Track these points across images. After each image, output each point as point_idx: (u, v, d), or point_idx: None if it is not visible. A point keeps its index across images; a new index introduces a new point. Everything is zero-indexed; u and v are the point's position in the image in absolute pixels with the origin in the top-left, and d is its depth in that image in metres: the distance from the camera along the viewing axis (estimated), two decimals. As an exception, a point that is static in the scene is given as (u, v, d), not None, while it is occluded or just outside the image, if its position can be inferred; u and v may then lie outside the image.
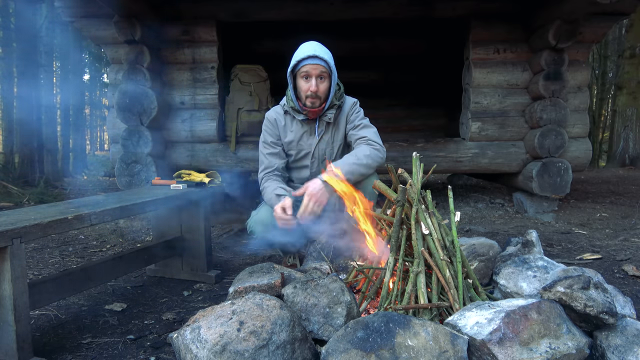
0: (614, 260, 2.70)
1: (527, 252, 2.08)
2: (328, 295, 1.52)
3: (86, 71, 14.93)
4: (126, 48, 3.88)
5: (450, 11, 4.10)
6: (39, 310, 1.99)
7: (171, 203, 2.18)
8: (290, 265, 2.46)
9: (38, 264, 2.75)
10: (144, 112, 3.90)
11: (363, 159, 2.09)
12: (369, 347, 1.22)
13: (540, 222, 3.91)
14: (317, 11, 4.12)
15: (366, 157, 2.10)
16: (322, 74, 2.13)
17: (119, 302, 2.12)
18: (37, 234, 1.48)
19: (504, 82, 4.14)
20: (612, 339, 1.37)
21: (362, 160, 2.09)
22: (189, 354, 1.27)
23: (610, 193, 5.52)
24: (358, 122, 2.27)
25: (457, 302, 1.50)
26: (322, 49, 2.15)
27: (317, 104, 2.18)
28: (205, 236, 2.41)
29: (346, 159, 2.11)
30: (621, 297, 1.64)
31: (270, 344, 1.28)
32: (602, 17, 3.92)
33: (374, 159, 2.13)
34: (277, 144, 2.33)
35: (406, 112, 7.18)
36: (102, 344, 1.71)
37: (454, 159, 4.21)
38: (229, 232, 3.64)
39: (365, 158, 2.10)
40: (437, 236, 1.63)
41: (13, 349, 1.42)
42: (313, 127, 2.29)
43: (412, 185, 1.74)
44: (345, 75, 2.48)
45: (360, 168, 2.07)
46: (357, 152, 2.15)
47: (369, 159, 2.10)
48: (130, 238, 3.48)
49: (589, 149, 4.25)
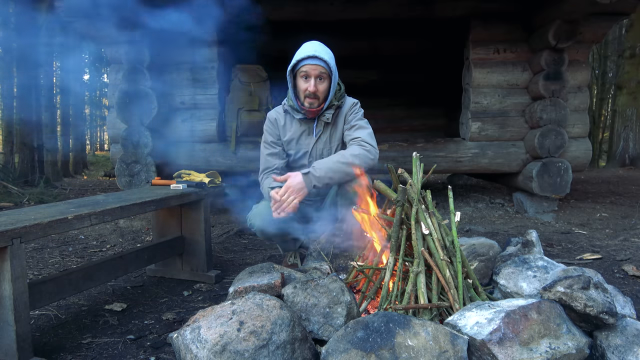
0: (614, 260, 2.70)
1: (527, 252, 2.08)
2: (328, 295, 1.52)
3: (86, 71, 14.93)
4: (126, 48, 3.88)
5: (451, 11, 4.10)
6: (39, 310, 1.99)
7: (171, 203, 2.18)
8: (290, 265, 2.46)
9: (38, 264, 2.75)
10: (144, 112, 3.90)
11: (349, 158, 2.05)
12: (369, 347, 1.22)
13: (540, 222, 3.91)
14: (317, 11, 4.12)
15: (353, 157, 2.06)
16: (322, 75, 2.13)
17: (119, 302, 2.12)
18: (37, 234, 1.48)
19: (504, 82, 4.14)
20: (612, 339, 1.37)
21: (347, 159, 2.05)
22: (189, 354, 1.27)
23: (610, 193, 5.52)
24: (354, 122, 2.25)
25: (457, 302, 1.50)
26: (323, 49, 2.14)
27: (315, 104, 2.17)
28: (205, 236, 2.41)
29: (331, 157, 2.10)
30: (621, 297, 1.64)
31: (270, 344, 1.28)
32: (602, 17, 3.92)
33: (363, 159, 2.07)
34: (277, 143, 2.34)
35: (406, 112, 7.18)
36: (102, 344, 1.71)
37: (454, 159, 4.21)
38: (228, 232, 3.64)
39: (352, 157, 2.05)
40: (437, 236, 1.63)
41: (13, 349, 1.42)
42: (311, 127, 2.29)
43: (412, 185, 1.74)
44: (345, 75, 2.48)
45: (344, 167, 2.03)
46: (345, 151, 2.12)
47: (356, 159, 2.06)
48: (130, 238, 3.48)
49: (589, 149, 4.25)
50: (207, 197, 2.40)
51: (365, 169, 2.07)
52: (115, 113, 4.00)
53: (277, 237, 2.35)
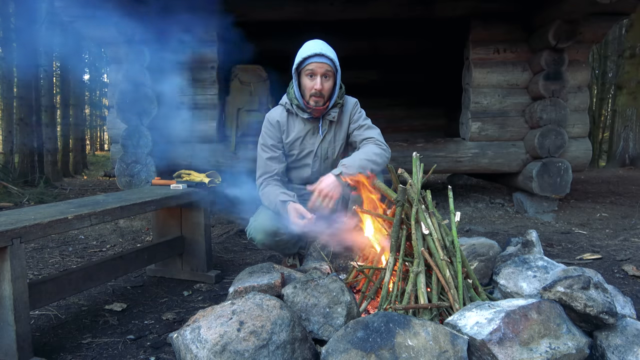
0: (614, 260, 2.70)
1: (527, 252, 2.08)
2: (328, 295, 1.52)
3: (86, 71, 14.93)
4: (126, 48, 3.88)
5: (451, 11, 4.10)
6: (39, 310, 1.99)
7: (171, 203, 2.18)
8: (290, 265, 2.46)
9: (38, 264, 2.75)
10: (144, 112, 3.90)
11: (373, 156, 2.10)
12: (369, 347, 1.22)
13: (540, 222, 3.91)
14: (317, 11, 4.12)
15: (376, 155, 2.11)
16: (327, 73, 2.13)
17: (119, 302, 2.12)
18: (37, 234, 1.48)
19: (504, 82, 4.14)
20: (612, 339, 1.37)
21: (372, 157, 2.10)
22: (189, 354, 1.27)
23: (610, 193, 5.52)
24: (362, 122, 2.27)
25: (457, 302, 1.50)
26: (328, 47, 2.14)
27: (320, 102, 2.17)
28: (205, 236, 2.41)
29: (357, 155, 2.12)
30: (621, 297, 1.64)
31: (270, 344, 1.28)
32: (602, 17, 3.92)
33: (382, 158, 2.13)
34: (277, 147, 2.30)
35: (406, 112, 7.18)
36: (102, 344, 1.71)
37: (454, 159, 4.21)
38: (228, 232, 3.64)
39: (375, 156, 2.11)
40: (437, 236, 1.63)
41: (13, 349, 1.42)
42: (316, 126, 2.28)
43: (412, 185, 1.74)
44: (345, 75, 2.48)
45: (370, 164, 2.07)
46: (367, 150, 2.15)
47: (378, 157, 2.11)
48: (130, 238, 3.48)
49: (589, 149, 4.25)
50: (207, 197, 2.40)
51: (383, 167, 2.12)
52: (115, 113, 4.00)
53: (279, 248, 2.34)
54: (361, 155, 2.11)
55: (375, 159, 2.10)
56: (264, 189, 2.25)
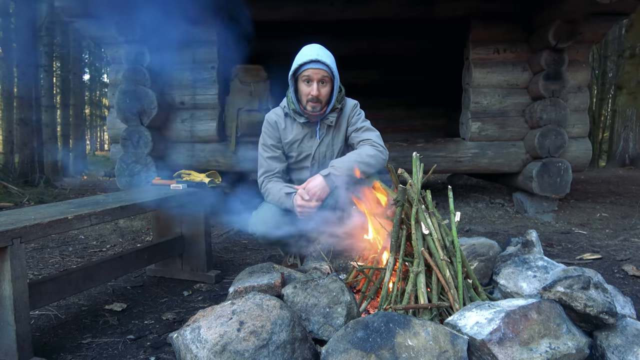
0: (614, 260, 2.70)
1: (527, 252, 2.08)
2: (328, 295, 1.52)
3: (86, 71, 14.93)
4: (126, 48, 3.88)
5: (451, 11, 4.10)
6: (39, 310, 1.99)
7: (171, 203, 2.18)
8: (290, 265, 2.46)
9: (38, 264, 2.75)
10: (144, 112, 3.90)
11: (366, 158, 2.11)
12: (369, 347, 1.22)
13: (540, 222, 3.91)
14: (317, 11, 4.12)
15: (369, 157, 2.12)
16: (324, 79, 2.12)
17: (119, 302, 2.12)
18: (37, 234, 1.48)
19: (504, 82, 4.14)
20: (612, 339, 1.37)
21: (364, 159, 2.10)
22: (189, 354, 1.27)
23: (610, 193, 5.52)
24: (360, 124, 2.27)
25: (457, 302, 1.50)
26: (325, 53, 2.14)
27: (317, 108, 2.17)
28: (205, 236, 2.41)
29: (348, 157, 2.13)
30: (621, 297, 1.64)
31: (270, 344, 1.28)
32: (602, 17, 3.92)
33: (377, 159, 2.13)
34: (277, 147, 2.31)
35: (406, 112, 7.18)
36: (102, 344, 1.71)
37: (454, 159, 4.21)
38: (228, 232, 3.64)
39: (367, 157, 2.11)
40: (437, 236, 1.63)
41: (13, 349, 1.42)
42: (314, 130, 2.28)
43: (412, 185, 1.74)
44: (345, 75, 2.48)
45: (362, 166, 2.08)
46: (360, 151, 2.16)
47: (371, 159, 2.12)
48: (130, 238, 3.48)
49: (589, 149, 4.25)
50: (207, 197, 2.40)
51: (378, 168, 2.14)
52: (115, 113, 4.00)
53: (280, 243, 2.33)
54: (352, 157, 2.12)
55: (368, 160, 2.10)
56: (266, 185, 2.27)
